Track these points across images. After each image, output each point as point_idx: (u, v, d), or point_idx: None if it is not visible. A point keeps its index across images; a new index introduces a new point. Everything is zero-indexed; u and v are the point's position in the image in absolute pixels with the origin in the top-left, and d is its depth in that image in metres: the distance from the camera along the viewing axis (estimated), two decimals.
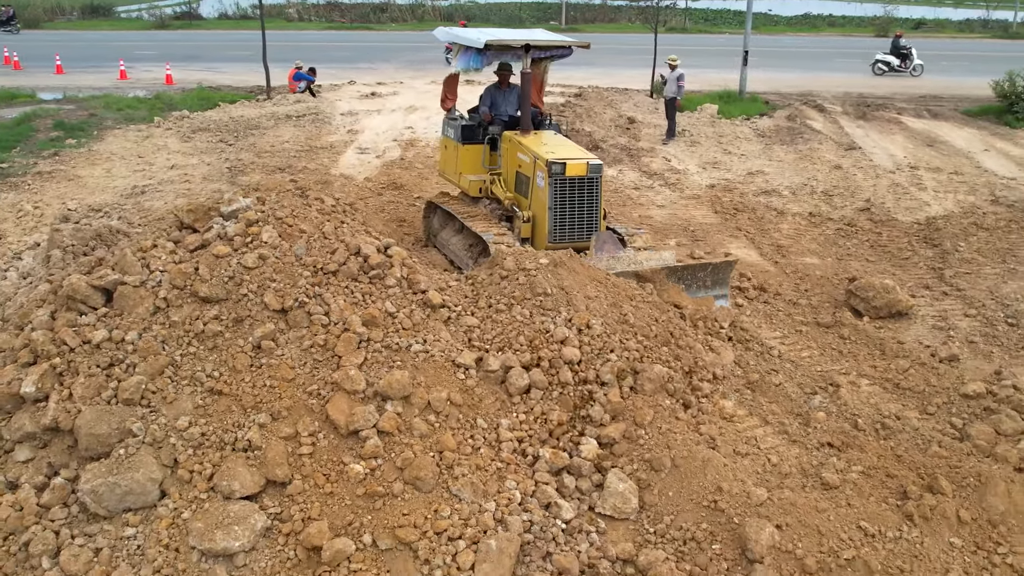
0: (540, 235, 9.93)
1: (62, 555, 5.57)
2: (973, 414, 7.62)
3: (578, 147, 10.54)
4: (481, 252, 9.95)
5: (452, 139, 11.29)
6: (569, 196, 9.66)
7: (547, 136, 10.56)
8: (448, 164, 11.62)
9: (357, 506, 5.79)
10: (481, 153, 10.94)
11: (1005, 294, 10.44)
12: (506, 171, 10.67)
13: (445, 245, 11.14)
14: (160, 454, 5.97)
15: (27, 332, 6.70)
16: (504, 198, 10.44)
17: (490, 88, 11.31)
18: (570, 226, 9.77)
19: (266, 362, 6.44)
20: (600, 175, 9.80)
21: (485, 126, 10.91)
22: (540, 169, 9.68)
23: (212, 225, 7.33)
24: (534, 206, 9.96)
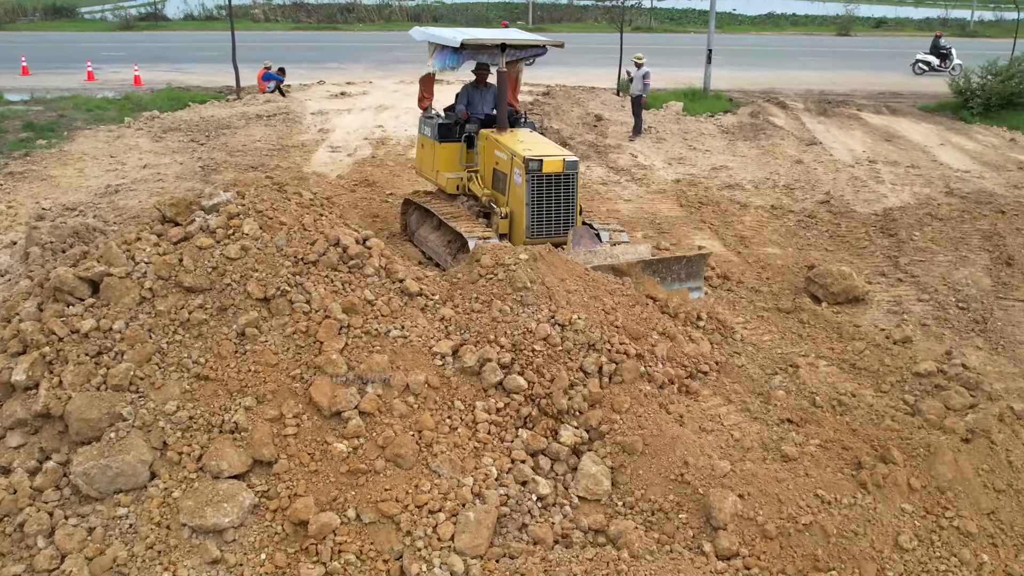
0: (518, 231, 10.03)
1: (56, 534, 5.79)
2: (924, 391, 8.04)
3: (554, 144, 10.72)
4: (460, 248, 10.09)
5: (429, 137, 11.39)
6: (546, 192, 9.80)
7: (523, 134, 10.73)
8: (425, 162, 11.75)
9: (341, 483, 6.07)
10: (458, 151, 11.06)
11: (956, 280, 10.92)
12: (483, 168, 10.77)
13: (423, 242, 11.26)
14: (150, 437, 6.21)
15: (15, 323, 6.89)
16: (482, 195, 10.56)
17: (467, 87, 11.42)
18: (547, 221, 9.91)
19: (250, 348, 6.70)
20: (576, 171, 9.97)
21: (462, 124, 11.02)
22: (517, 166, 9.81)
23: (194, 218, 7.55)
24: (512, 202, 10.08)
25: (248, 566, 5.67)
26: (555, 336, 7.34)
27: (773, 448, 6.94)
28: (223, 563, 5.67)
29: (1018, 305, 10.32)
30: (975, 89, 22.88)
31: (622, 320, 7.90)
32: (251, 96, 24.02)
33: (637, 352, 7.56)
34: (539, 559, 5.70)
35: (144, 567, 5.62)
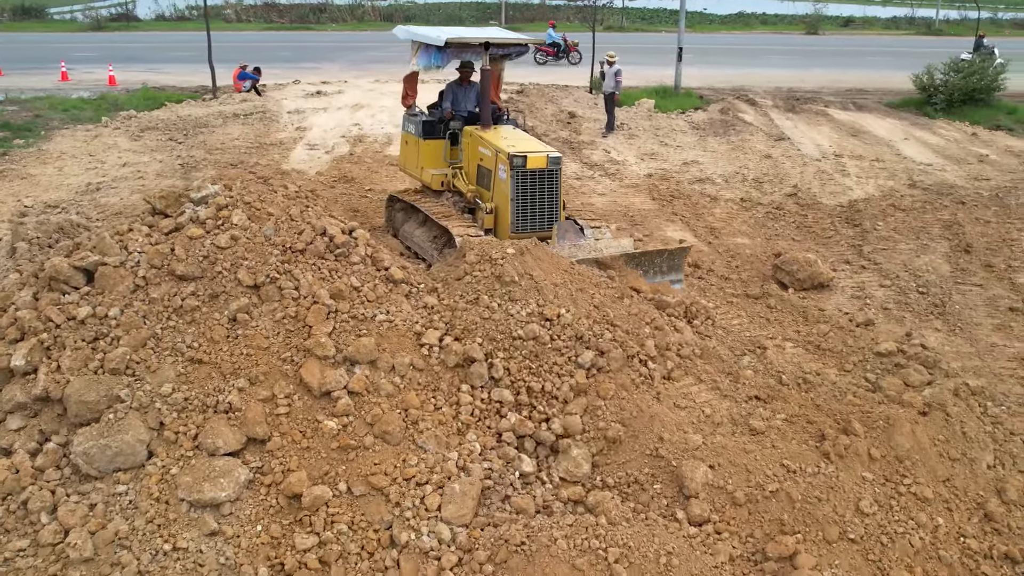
0: (503, 225, 10.25)
1: (59, 511, 6.04)
2: (885, 369, 8.46)
3: (537, 140, 10.94)
4: (446, 244, 10.29)
5: (413, 135, 11.58)
6: (530, 187, 10.02)
7: (506, 131, 10.93)
8: (409, 159, 11.95)
9: (332, 458, 6.37)
10: (442, 148, 11.23)
11: (917, 267, 11.38)
12: (467, 165, 10.97)
13: (409, 238, 11.43)
14: (147, 418, 6.47)
15: (11, 312, 7.12)
16: (467, 191, 10.76)
17: (451, 85, 11.60)
18: (532, 216, 10.12)
19: (242, 333, 6.97)
20: (559, 167, 10.18)
21: (446, 122, 11.20)
22: (502, 162, 10.03)
23: (184, 210, 7.80)
24: (496, 198, 10.28)
25: (245, 537, 5.96)
26: (543, 333, 7.61)
27: (742, 423, 7.31)
28: (221, 535, 5.96)
29: (975, 290, 10.79)
30: (938, 86, 23.49)
31: (611, 313, 8.19)
32: (227, 95, 24.16)
33: (624, 343, 7.84)
34: (521, 526, 6.03)
35: (145, 539, 5.89)
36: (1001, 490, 6.94)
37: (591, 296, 8.36)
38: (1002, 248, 12.02)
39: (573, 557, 5.77)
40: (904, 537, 6.37)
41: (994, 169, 16.84)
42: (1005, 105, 23.53)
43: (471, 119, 11.17)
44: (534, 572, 5.73)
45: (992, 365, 8.95)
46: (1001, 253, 11.85)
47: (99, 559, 5.79)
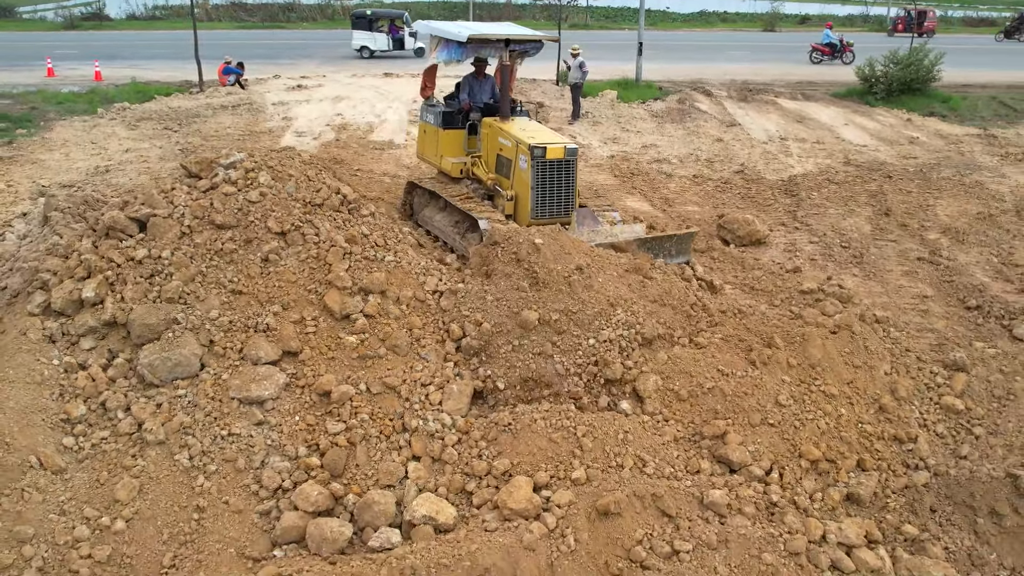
0: (523, 212, 10.62)
1: (132, 408, 7.47)
2: (806, 303, 10.09)
3: (553, 132, 11.46)
4: (468, 228, 10.71)
5: (432, 124, 11.96)
6: (549, 176, 10.40)
7: (523, 122, 11.37)
8: (428, 148, 12.32)
9: (353, 365, 7.86)
10: (461, 138, 11.67)
11: (842, 227, 13.07)
12: (486, 154, 11.35)
13: (429, 222, 11.82)
14: (199, 336, 7.92)
15: (75, 257, 8.52)
16: (486, 179, 11.13)
17: (467, 78, 12.00)
18: (550, 203, 10.52)
19: (273, 270, 8.43)
20: (575, 157, 10.56)
21: (465, 113, 11.64)
22: (523, 153, 10.39)
23: (216, 172, 9.24)
24: (516, 186, 10.65)
25: (286, 424, 7.43)
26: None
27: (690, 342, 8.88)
28: (266, 423, 7.43)
29: (890, 244, 12.48)
30: (879, 76, 25.30)
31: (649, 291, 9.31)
32: (213, 89, 25.40)
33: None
34: (507, 413, 7.55)
35: (205, 428, 7.34)
36: (894, 390, 8.58)
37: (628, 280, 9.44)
38: (918, 212, 13.74)
39: (549, 433, 7.31)
40: (813, 422, 7.96)
41: (923, 150, 18.62)
42: (940, 94, 25.39)
43: (486, 110, 11.70)
44: (518, 444, 7.26)
45: (898, 302, 10.62)
46: (917, 216, 13.57)
47: (169, 442, 7.23)
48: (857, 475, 7.83)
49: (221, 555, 6.53)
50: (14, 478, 6.67)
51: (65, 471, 6.97)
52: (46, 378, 7.66)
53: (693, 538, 6.90)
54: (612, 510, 6.83)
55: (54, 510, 6.64)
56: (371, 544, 6.57)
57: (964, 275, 11.27)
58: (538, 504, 6.83)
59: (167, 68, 30.22)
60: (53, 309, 8.19)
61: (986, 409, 8.66)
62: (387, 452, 7.36)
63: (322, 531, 6.61)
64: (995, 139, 19.70)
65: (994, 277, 11.29)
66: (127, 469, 7.02)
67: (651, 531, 6.87)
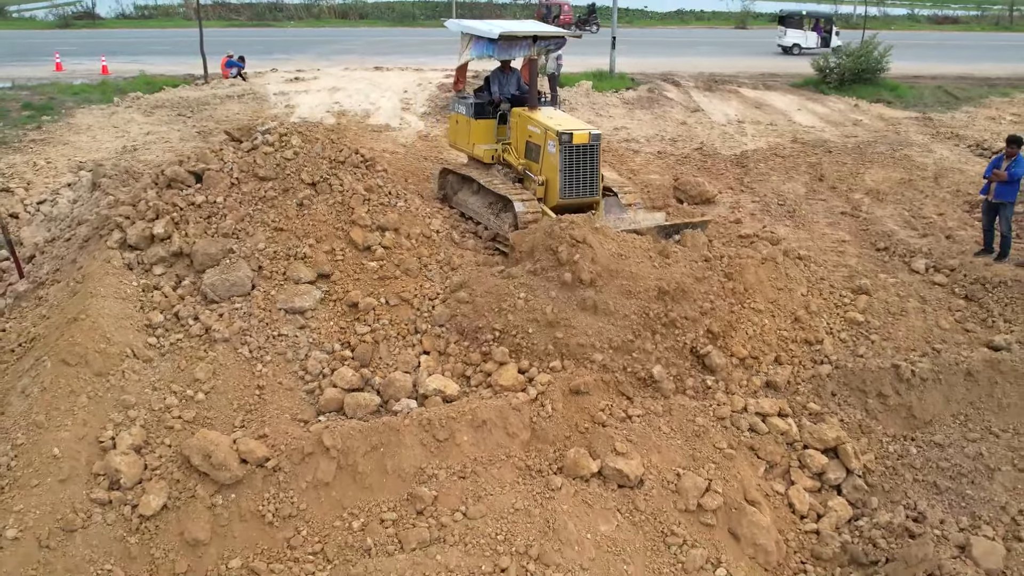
0: (552, 193, 11.48)
1: (200, 317, 9.43)
2: (743, 245, 12.15)
3: (578, 120, 12.33)
4: (502, 209, 11.76)
5: (464, 115, 12.83)
6: (576, 160, 11.27)
7: (549, 111, 12.27)
8: (460, 136, 13.16)
9: (374, 284, 9.87)
10: (492, 127, 12.59)
11: (782, 191, 15.18)
12: (516, 141, 12.18)
13: (463, 204, 12.75)
14: (250, 263, 9.90)
15: (143, 204, 10.47)
16: (517, 164, 12.01)
17: (495, 72, 12.96)
18: (577, 185, 11.41)
19: (307, 212, 10.42)
20: (599, 142, 11.46)
21: (495, 104, 12.55)
22: (551, 139, 11.24)
23: (256, 137, 11.22)
24: (545, 170, 11.48)
25: (323, 328, 9.44)
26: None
27: (661, 262, 10.77)
28: (307, 327, 9.43)
29: (820, 203, 14.59)
30: (832, 67, 27.48)
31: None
32: (216, 81, 27.22)
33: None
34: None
35: (260, 330, 9.33)
36: (807, 307, 10.68)
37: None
38: (848, 178, 15.86)
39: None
40: (742, 329, 10.02)
41: (864, 130, 20.76)
42: (889, 83, 27.59)
43: (513, 101, 12.65)
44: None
45: (820, 245, 12.70)
46: (846, 182, 15.69)
47: (233, 340, 9.22)
48: (775, 368, 9.91)
49: (279, 419, 8.52)
50: (116, 363, 8.64)
51: (152, 360, 8.95)
52: (129, 295, 9.63)
53: (644, 408, 8.99)
54: (582, 390, 8.91)
55: (148, 387, 8.62)
56: (394, 409, 8.59)
57: (878, 225, 13.42)
58: (523, 381, 8.90)
59: (167, 63, 31.93)
60: (128, 244, 10.16)
61: (882, 322, 10.77)
62: (403, 348, 9.40)
63: (356, 400, 8.64)
64: (931, 121, 21.89)
65: (903, 226, 13.44)
66: (201, 359, 9.00)
67: (612, 403, 8.95)
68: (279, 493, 7.76)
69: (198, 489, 7.65)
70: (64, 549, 7.25)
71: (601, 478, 8.33)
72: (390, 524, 7.69)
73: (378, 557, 7.42)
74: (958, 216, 13.85)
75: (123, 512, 7.53)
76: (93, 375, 8.40)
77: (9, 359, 9.23)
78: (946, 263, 11.94)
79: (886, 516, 8.76)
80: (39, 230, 13.64)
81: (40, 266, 11.71)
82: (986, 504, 8.80)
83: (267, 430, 8.24)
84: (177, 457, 7.83)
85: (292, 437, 8.03)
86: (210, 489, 7.67)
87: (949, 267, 11.84)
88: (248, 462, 7.79)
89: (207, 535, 7.48)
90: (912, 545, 8.32)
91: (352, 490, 7.87)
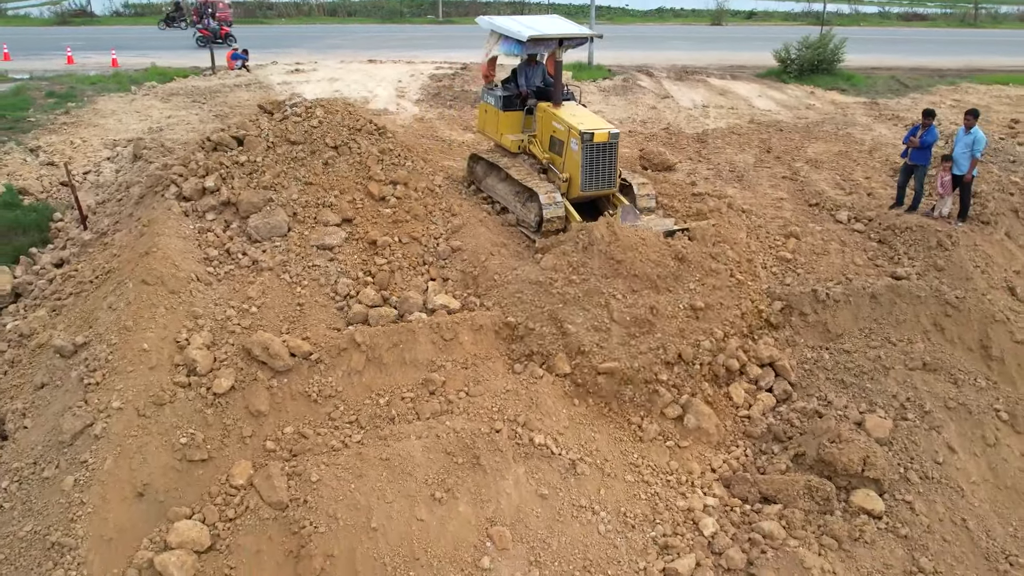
0: (574, 187, 12.55)
1: (248, 252, 11.56)
2: (696, 201, 14.37)
3: (599, 117, 13.12)
4: (528, 199, 12.82)
5: (493, 106, 13.89)
6: (596, 156, 12.31)
7: (573, 107, 13.19)
8: (489, 125, 14.23)
9: (389, 227, 12.03)
10: (520, 118, 13.63)
11: (734, 161, 17.45)
12: (541, 135, 13.18)
13: (491, 189, 13.87)
14: (286, 209, 12.04)
15: (193, 163, 12.58)
16: (542, 156, 13.07)
17: (521, 66, 13.94)
18: (597, 179, 12.53)
19: (331, 170, 12.57)
20: (617, 140, 12.43)
21: (523, 97, 13.56)
22: (574, 136, 12.26)
23: (285, 109, 13.34)
24: (568, 166, 12.48)
25: (349, 260, 11.59)
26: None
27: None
28: (336, 260, 11.58)
29: (766, 170, 16.86)
30: (793, 58, 29.81)
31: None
32: (223, 72, 29.28)
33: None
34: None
35: (296, 261, 11.48)
36: (747, 247, 12.92)
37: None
38: (793, 151, 18.14)
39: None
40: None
41: (815, 113, 23.06)
42: (846, 74, 29.96)
43: (538, 93, 13.66)
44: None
45: (761, 202, 14.96)
46: (791, 153, 17.97)
47: (276, 269, 11.36)
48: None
49: (317, 327, 10.66)
50: (184, 284, 10.75)
51: (212, 284, 11.07)
52: (187, 235, 11.73)
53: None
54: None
55: (211, 303, 10.75)
56: (408, 320, 10.76)
57: (812, 186, 15.72)
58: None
59: (172, 56, 33.90)
60: (183, 196, 12.27)
61: (807, 259, 13.04)
62: (414, 276, 11.58)
63: (379, 312, 10.81)
64: (877, 105, 24.24)
65: (833, 187, 15.73)
66: (251, 283, 11.14)
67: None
68: (321, 379, 9.93)
69: (258, 374, 9.79)
70: (156, 418, 9.36)
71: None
72: (409, 401, 9.88)
73: (400, 424, 9.62)
74: (882, 180, 16.16)
75: (200, 391, 9.66)
76: (168, 292, 10.51)
77: (89, 288, 11.34)
78: (865, 214, 14.23)
79: (801, 404, 11.02)
80: (88, 195, 15.73)
81: (97, 221, 13.83)
82: (881, 394, 11.06)
83: (309, 333, 10.39)
84: (240, 351, 9.96)
85: (330, 337, 10.20)
86: (268, 374, 9.81)
87: (867, 217, 14.13)
88: (296, 355, 9.95)
89: (267, 408, 9.63)
90: (819, 421, 10.58)
91: (378, 376, 10.05)
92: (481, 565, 8.61)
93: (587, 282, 11.11)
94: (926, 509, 9.93)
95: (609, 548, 9.08)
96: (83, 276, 11.65)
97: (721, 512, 9.83)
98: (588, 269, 11.24)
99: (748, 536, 9.53)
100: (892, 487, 10.09)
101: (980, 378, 11.33)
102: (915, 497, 9.99)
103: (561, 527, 9.08)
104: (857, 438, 10.27)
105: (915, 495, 10.02)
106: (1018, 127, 21.00)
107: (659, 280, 11.34)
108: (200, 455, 9.20)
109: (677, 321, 11.10)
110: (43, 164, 17.57)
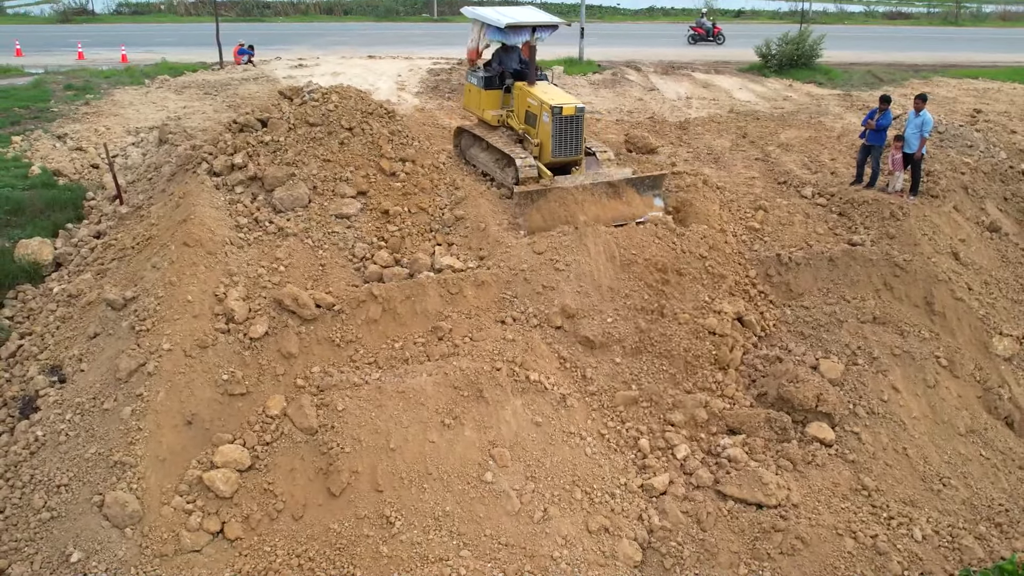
0: (545, 153, 14.14)
1: (274, 220, 12.97)
2: (677, 177, 15.83)
3: (567, 94, 14.80)
4: (506, 165, 14.48)
5: (476, 85, 15.69)
6: (565, 127, 13.97)
7: (545, 86, 14.96)
8: (472, 102, 16.09)
9: (399, 199, 13.46)
10: (499, 96, 15.39)
11: (712, 145, 18.94)
12: (518, 110, 14.92)
13: (475, 159, 15.69)
14: (307, 183, 13.45)
15: (221, 143, 13.99)
16: (518, 128, 14.75)
17: (498, 51, 15.74)
18: (565, 147, 14.15)
19: (347, 148, 13.98)
20: (583, 113, 14.13)
21: (502, 77, 15.36)
22: (545, 110, 13.89)
23: (304, 95, 14.76)
24: (540, 135, 14.16)
25: (364, 227, 13.01)
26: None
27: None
28: (353, 227, 13.00)
29: (740, 153, 18.34)
30: (773, 53, 31.31)
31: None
32: (230, 67, 30.64)
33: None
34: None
35: (317, 228, 12.89)
36: (719, 218, 14.38)
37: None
38: (767, 136, 19.63)
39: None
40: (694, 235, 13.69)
41: (791, 104, 24.55)
42: (824, 68, 31.46)
43: (515, 74, 15.45)
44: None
45: (735, 180, 16.43)
46: (765, 139, 19.45)
47: (300, 233, 12.76)
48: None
49: (338, 283, 12.09)
50: (219, 247, 12.16)
51: (243, 248, 12.48)
52: (219, 206, 13.13)
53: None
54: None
55: (244, 263, 12.16)
56: (418, 278, 12.19)
57: (781, 166, 17.21)
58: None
59: (179, 52, 35.24)
60: (213, 172, 13.67)
61: (773, 228, 14.52)
62: (423, 241, 13.02)
63: (392, 271, 12.24)
64: (851, 96, 25.74)
65: (800, 168, 17.23)
66: (278, 247, 12.55)
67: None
68: (343, 326, 11.36)
69: (288, 321, 11.22)
70: (201, 358, 10.78)
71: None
72: (420, 345, 11.33)
73: (412, 364, 11.06)
74: (846, 161, 17.66)
75: (238, 336, 11.08)
76: (206, 253, 11.92)
77: (131, 252, 12.74)
78: (828, 191, 15.73)
79: (764, 351, 12.50)
80: (119, 176, 17.10)
81: (129, 198, 15.23)
82: (835, 343, 12.55)
83: (331, 288, 11.82)
84: (272, 302, 11.38)
85: (351, 291, 11.64)
86: (297, 322, 11.24)
87: (830, 193, 15.63)
88: (321, 306, 11.38)
89: (296, 350, 11.06)
90: (779, 365, 12.06)
91: (393, 325, 11.50)
92: (485, 479, 10.06)
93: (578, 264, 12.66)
94: (871, 439, 11.43)
95: (595, 467, 10.55)
96: (123, 244, 13.05)
97: (692, 441, 11.30)
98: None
99: (716, 460, 11.01)
100: (842, 420, 11.59)
101: (924, 330, 12.82)
102: (862, 429, 11.49)
103: (553, 449, 10.54)
104: (812, 379, 11.75)
105: (862, 427, 11.52)
106: (979, 116, 22.53)
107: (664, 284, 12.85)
108: (239, 390, 10.63)
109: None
110: (72, 149, 18.91)
